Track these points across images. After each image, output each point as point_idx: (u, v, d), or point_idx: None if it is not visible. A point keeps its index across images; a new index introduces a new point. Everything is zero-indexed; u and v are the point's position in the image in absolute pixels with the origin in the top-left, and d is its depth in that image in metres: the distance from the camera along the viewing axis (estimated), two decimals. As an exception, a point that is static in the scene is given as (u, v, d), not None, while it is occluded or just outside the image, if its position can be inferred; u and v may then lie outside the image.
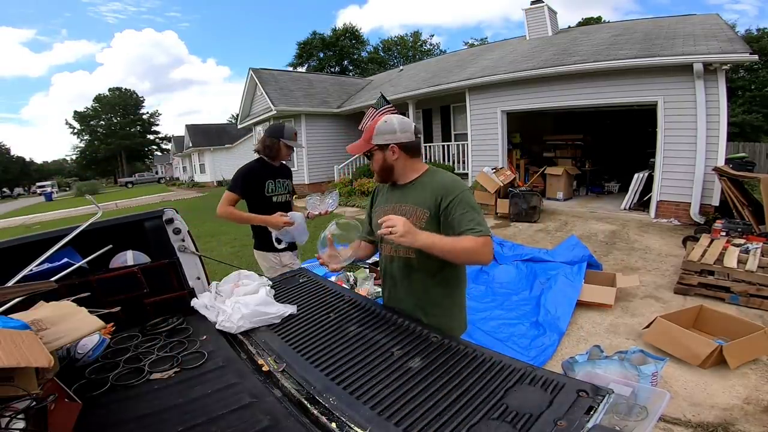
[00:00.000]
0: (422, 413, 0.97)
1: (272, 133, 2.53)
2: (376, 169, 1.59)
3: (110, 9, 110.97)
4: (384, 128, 1.52)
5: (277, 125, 2.60)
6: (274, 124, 2.64)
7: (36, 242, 1.76)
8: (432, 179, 1.54)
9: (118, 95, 52.11)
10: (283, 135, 2.51)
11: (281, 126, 2.59)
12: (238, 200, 2.47)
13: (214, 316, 1.63)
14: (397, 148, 1.51)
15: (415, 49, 38.74)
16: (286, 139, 2.51)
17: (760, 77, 20.49)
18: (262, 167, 2.56)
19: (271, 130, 2.55)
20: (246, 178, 2.49)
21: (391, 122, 1.52)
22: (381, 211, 1.59)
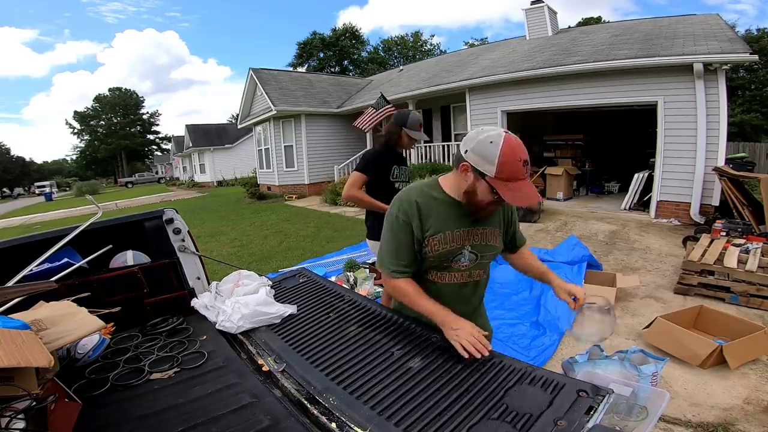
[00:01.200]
0: (422, 413, 0.97)
1: (396, 119, 2.43)
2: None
3: (110, 9, 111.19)
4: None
5: (403, 112, 2.46)
6: (401, 112, 2.50)
7: (36, 242, 1.76)
8: None
9: (118, 95, 52.12)
10: (406, 124, 2.39)
11: (406, 114, 2.43)
12: (365, 182, 2.42)
13: (214, 316, 1.63)
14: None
15: (416, 49, 38.75)
16: (408, 129, 2.40)
17: (759, 77, 20.48)
18: (388, 151, 2.49)
19: (396, 116, 2.45)
20: (377, 161, 2.43)
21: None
22: (447, 238, 1.28)
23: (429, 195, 1.31)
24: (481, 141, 1.16)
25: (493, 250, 1.39)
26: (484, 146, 1.15)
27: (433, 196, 1.30)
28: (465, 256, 1.33)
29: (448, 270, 1.34)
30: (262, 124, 13.64)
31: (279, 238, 6.92)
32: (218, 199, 15.77)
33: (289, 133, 12.59)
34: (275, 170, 13.17)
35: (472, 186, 1.20)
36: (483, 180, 1.17)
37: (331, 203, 10.45)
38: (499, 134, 1.15)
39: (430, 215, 1.28)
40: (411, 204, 1.29)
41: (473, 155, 1.17)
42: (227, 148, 25.87)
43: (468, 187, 1.21)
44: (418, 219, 1.28)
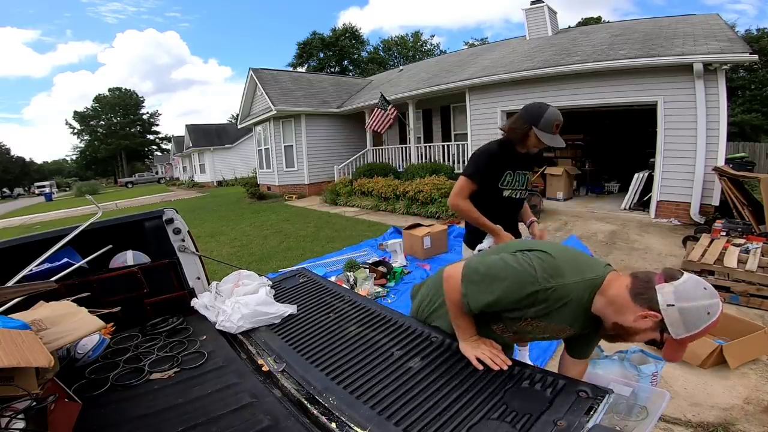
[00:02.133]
0: (422, 413, 0.97)
1: (527, 115, 1.90)
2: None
3: (109, 9, 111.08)
4: None
5: (537, 107, 1.90)
6: (534, 105, 1.92)
7: (36, 242, 1.76)
8: None
9: (118, 95, 52.12)
10: (539, 123, 1.86)
11: (541, 109, 1.88)
12: (474, 191, 1.99)
13: (214, 316, 1.63)
14: None
15: (416, 49, 38.75)
16: (541, 130, 1.86)
17: (759, 77, 20.48)
18: (505, 153, 2.00)
19: (527, 112, 1.91)
20: (488, 164, 1.99)
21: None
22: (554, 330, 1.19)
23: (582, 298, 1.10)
24: (699, 309, 0.96)
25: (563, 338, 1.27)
26: (698, 315, 0.96)
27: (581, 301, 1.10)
28: (537, 338, 1.25)
29: (513, 335, 1.24)
30: (262, 124, 13.63)
31: (279, 238, 6.92)
32: (218, 199, 15.77)
33: (289, 133, 12.59)
34: (275, 170, 13.17)
35: (637, 330, 1.03)
36: (658, 333, 1.01)
37: (331, 203, 10.45)
38: (717, 305, 0.97)
39: (561, 311, 1.11)
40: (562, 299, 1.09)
41: (677, 315, 0.96)
42: (227, 148, 25.87)
43: (631, 328, 1.03)
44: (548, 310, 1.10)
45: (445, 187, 7.92)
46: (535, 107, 1.92)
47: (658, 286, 0.99)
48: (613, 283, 1.09)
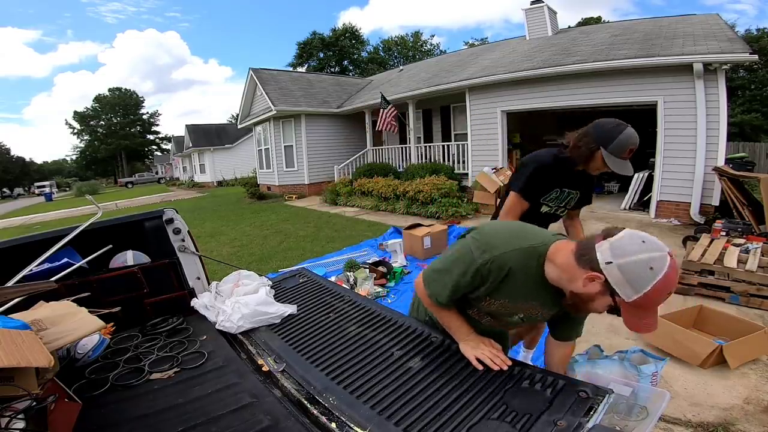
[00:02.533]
0: (422, 413, 0.97)
1: (597, 133, 1.63)
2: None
3: (109, 9, 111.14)
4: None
5: (611, 127, 1.62)
6: (608, 124, 1.64)
7: (36, 242, 1.76)
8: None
9: (118, 95, 52.13)
10: (609, 145, 1.60)
11: (615, 130, 1.60)
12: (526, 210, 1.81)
13: (214, 316, 1.63)
14: None
15: (416, 49, 38.75)
16: (610, 153, 1.61)
17: (759, 77, 20.49)
18: (559, 168, 1.76)
19: (598, 130, 1.64)
20: (539, 179, 1.77)
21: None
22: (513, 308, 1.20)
23: (526, 267, 1.10)
24: (638, 263, 0.90)
25: (542, 320, 1.31)
26: (638, 271, 0.90)
27: (529, 271, 1.10)
28: (514, 320, 1.26)
29: (493, 317, 1.27)
30: (262, 124, 13.64)
31: (279, 238, 6.92)
32: (218, 199, 15.77)
33: (289, 133, 12.59)
34: (275, 170, 13.17)
35: (591, 296, 0.99)
36: (610, 297, 0.96)
37: (331, 203, 10.45)
38: (662, 259, 0.90)
39: (510, 284, 1.12)
40: (501, 269, 1.09)
41: (617, 273, 0.92)
42: (227, 148, 25.87)
43: (584, 294, 0.99)
44: (496, 283, 1.12)
45: (445, 187, 7.93)
46: (608, 126, 1.63)
47: (597, 244, 0.96)
48: (561, 250, 1.06)
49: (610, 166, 1.64)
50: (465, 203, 7.90)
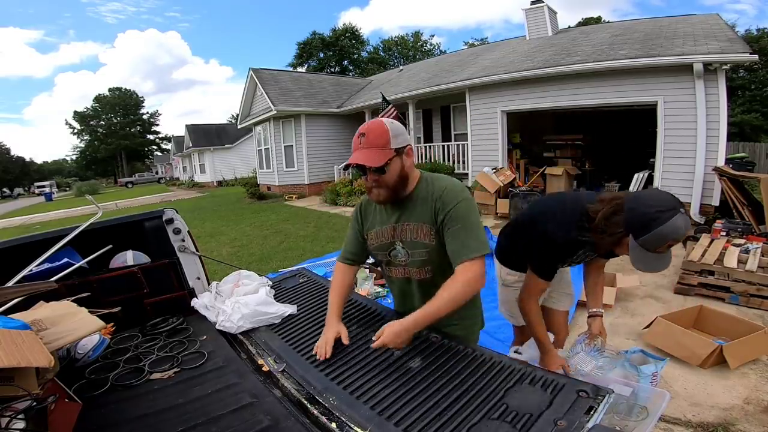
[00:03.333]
0: (422, 413, 0.97)
1: (629, 219, 1.26)
2: (392, 183, 1.26)
3: (109, 9, 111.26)
4: (397, 128, 1.26)
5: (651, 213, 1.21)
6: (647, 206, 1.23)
7: (36, 242, 1.76)
8: (428, 186, 1.32)
9: (118, 95, 52.14)
10: (639, 236, 1.24)
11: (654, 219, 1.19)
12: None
13: (214, 316, 1.63)
14: (411, 149, 1.31)
15: (416, 49, 38.76)
16: (642, 247, 1.24)
17: (759, 77, 20.48)
18: (581, 244, 1.45)
19: (630, 215, 1.26)
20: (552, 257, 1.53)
21: (396, 123, 1.29)
22: (380, 233, 1.39)
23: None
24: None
25: (423, 247, 1.31)
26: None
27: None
28: (399, 252, 1.37)
29: (392, 264, 1.43)
30: (262, 124, 13.64)
31: (279, 238, 6.92)
32: (218, 199, 15.77)
33: (289, 133, 12.60)
34: (275, 170, 13.17)
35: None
36: None
37: (331, 203, 10.45)
38: None
39: (369, 213, 1.44)
40: (357, 205, 1.49)
41: None
42: (227, 148, 25.88)
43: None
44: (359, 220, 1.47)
45: (445, 187, 7.91)
46: (646, 210, 1.21)
47: None
48: None
49: (633, 261, 1.28)
50: (465, 203, 7.89)
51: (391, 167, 1.25)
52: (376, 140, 1.23)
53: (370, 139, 1.23)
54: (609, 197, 1.34)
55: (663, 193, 1.27)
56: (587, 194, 1.51)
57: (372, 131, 1.24)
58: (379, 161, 1.22)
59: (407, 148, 1.28)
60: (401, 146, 1.26)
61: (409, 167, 1.30)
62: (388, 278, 1.53)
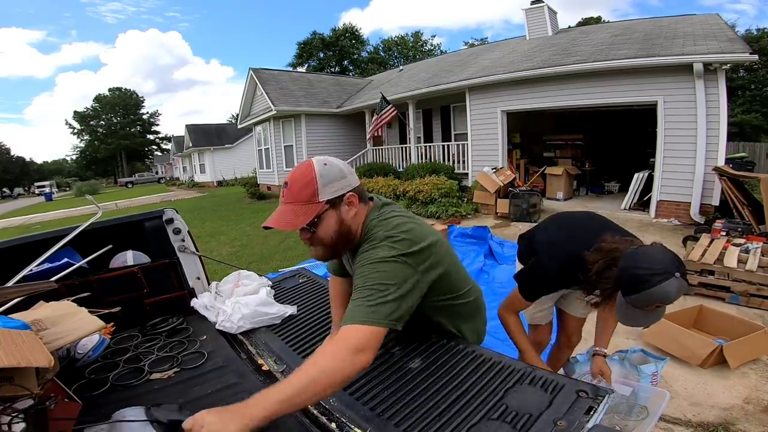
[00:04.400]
0: (422, 413, 0.97)
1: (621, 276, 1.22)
2: (329, 241, 1.07)
3: (109, 9, 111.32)
4: (330, 173, 1.04)
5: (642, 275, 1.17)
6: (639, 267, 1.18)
7: (36, 242, 1.76)
8: (364, 238, 1.10)
9: (118, 95, 52.14)
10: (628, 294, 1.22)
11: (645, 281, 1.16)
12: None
13: (214, 316, 1.63)
14: (355, 196, 1.08)
15: (416, 49, 38.76)
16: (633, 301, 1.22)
17: (759, 77, 20.49)
18: (570, 280, 1.44)
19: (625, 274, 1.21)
20: (547, 287, 1.55)
21: (332, 162, 1.06)
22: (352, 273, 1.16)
23: None
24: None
25: None
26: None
27: None
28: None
29: None
30: (262, 124, 13.64)
31: (279, 238, 6.92)
32: (218, 199, 15.76)
33: (289, 133, 12.60)
34: (275, 170, 13.17)
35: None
36: None
37: (331, 203, 10.44)
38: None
39: None
40: None
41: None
42: (227, 148, 25.87)
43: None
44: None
45: (445, 187, 7.93)
46: (639, 272, 1.17)
47: None
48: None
49: (619, 316, 1.29)
50: (465, 203, 7.91)
51: (323, 223, 1.04)
52: (299, 193, 1.02)
53: (293, 191, 1.03)
54: (608, 247, 1.29)
55: (662, 253, 1.20)
56: (603, 229, 1.42)
57: (295, 181, 1.03)
58: (297, 223, 1.01)
59: (347, 195, 1.06)
60: (337, 195, 1.04)
61: (353, 218, 1.08)
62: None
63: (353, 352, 0.87)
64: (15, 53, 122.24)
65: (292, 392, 0.81)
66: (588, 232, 1.42)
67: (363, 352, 0.89)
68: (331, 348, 0.89)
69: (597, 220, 1.57)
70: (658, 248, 1.24)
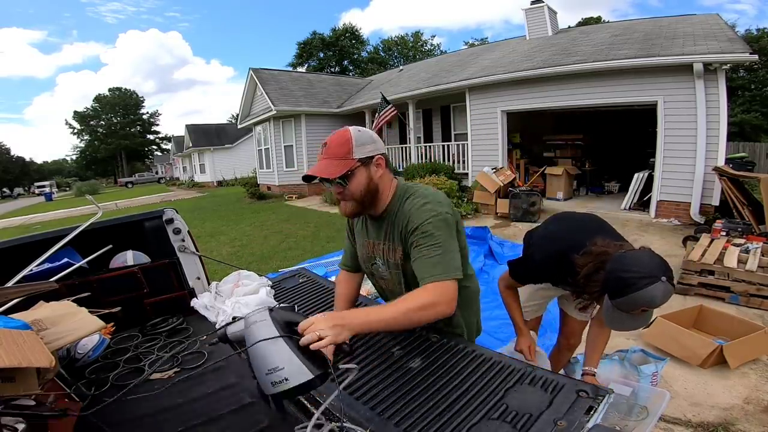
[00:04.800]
0: (422, 413, 0.97)
1: (608, 279, 1.24)
2: (358, 195, 1.20)
3: (109, 9, 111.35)
4: (363, 137, 1.20)
5: (629, 278, 1.19)
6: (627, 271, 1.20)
7: (36, 242, 1.76)
8: (400, 203, 1.24)
9: (118, 95, 52.14)
10: (614, 298, 1.24)
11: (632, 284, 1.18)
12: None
13: (214, 316, 1.63)
14: (383, 159, 1.23)
15: (416, 49, 38.76)
16: (619, 305, 1.23)
17: (759, 77, 20.49)
18: (559, 273, 1.47)
19: (612, 277, 1.23)
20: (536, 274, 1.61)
21: (364, 131, 1.23)
22: (363, 244, 1.38)
23: None
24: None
25: (395, 267, 1.29)
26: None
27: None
28: (379, 266, 1.36)
29: (375, 276, 1.43)
30: (262, 124, 13.64)
31: (279, 238, 6.92)
32: (218, 199, 15.76)
33: (289, 133, 12.60)
34: (275, 170, 13.17)
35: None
36: None
37: (331, 203, 10.45)
38: None
39: (354, 224, 1.43)
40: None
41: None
42: (227, 148, 25.87)
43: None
44: (349, 229, 1.47)
45: (445, 187, 7.92)
46: (626, 276, 1.19)
47: None
48: None
49: (606, 319, 1.31)
50: (465, 203, 7.91)
51: (354, 178, 1.18)
52: (336, 150, 1.17)
53: (331, 149, 1.18)
54: (597, 251, 1.30)
55: (649, 257, 1.23)
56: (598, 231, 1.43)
57: (333, 141, 1.19)
58: (334, 172, 1.15)
59: (376, 157, 1.21)
60: (368, 156, 1.18)
61: (380, 178, 1.22)
62: (375, 286, 1.52)
63: (442, 295, 1.08)
64: (16, 53, 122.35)
65: (383, 318, 1.03)
66: (585, 234, 1.44)
67: (446, 303, 1.09)
68: (423, 295, 1.08)
69: (596, 223, 1.59)
70: (645, 252, 1.26)
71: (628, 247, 1.33)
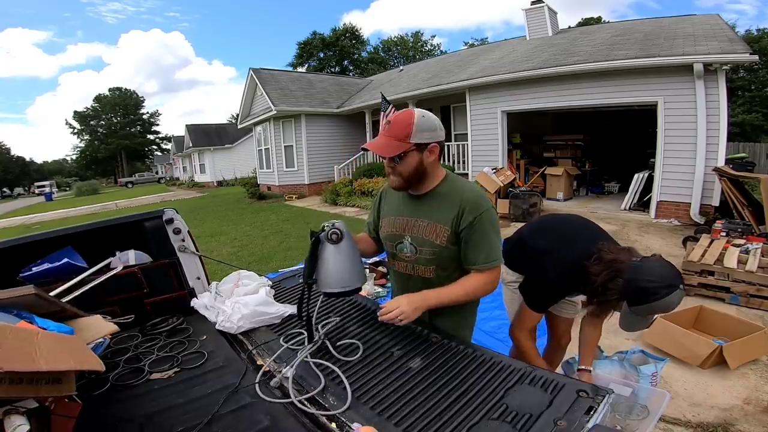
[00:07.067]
0: (422, 413, 0.97)
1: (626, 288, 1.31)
2: (406, 174, 1.30)
3: (109, 9, 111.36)
4: (425, 124, 1.26)
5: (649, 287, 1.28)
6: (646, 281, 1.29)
7: (36, 242, 1.76)
8: (453, 189, 1.34)
9: (118, 95, 52.11)
10: (633, 305, 1.34)
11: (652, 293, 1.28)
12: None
13: (214, 316, 1.63)
14: (437, 148, 1.31)
15: (416, 49, 38.74)
16: (637, 311, 1.33)
17: (760, 77, 20.48)
18: (571, 290, 1.55)
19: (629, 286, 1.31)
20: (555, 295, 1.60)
21: (429, 116, 1.28)
22: (392, 223, 1.44)
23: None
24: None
25: (431, 246, 1.33)
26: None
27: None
28: (405, 246, 1.40)
29: (396, 258, 1.46)
30: (262, 124, 13.63)
31: (279, 238, 6.92)
32: (218, 199, 15.76)
33: (289, 133, 12.59)
34: (275, 170, 13.17)
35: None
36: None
37: (331, 203, 10.45)
38: None
39: (388, 199, 1.51)
40: (381, 188, 1.60)
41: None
42: (227, 148, 25.86)
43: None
44: (378, 202, 1.56)
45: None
46: (646, 285, 1.26)
47: None
48: None
49: (622, 323, 1.41)
50: (465, 203, 7.88)
51: (406, 160, 1.27)
52: (397, 131, 1.26)
53: (393, 128, 1.27)
54: (609, 258, 1.37)
55: (665, 267, 1.31)
56: (594, 235, 1.53)
57: (397, 122, 1.27)
58: (390, 152, 1.26)
59: (432, 145, 1.28)
60: (425, 142, 1.26)
61: (430, 164, 1.31)
62: (392, 270, 1.55)
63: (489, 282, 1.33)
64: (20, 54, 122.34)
65: (453, 297, 1.30)
66: (581, 238, 1.49)
67: (494, 283, 1.34)
68: (479, 280, 1.31)
69: (583, 224, 1.64)
70: (658, 261, 1.34)
71: (634, 252, 1.40)
